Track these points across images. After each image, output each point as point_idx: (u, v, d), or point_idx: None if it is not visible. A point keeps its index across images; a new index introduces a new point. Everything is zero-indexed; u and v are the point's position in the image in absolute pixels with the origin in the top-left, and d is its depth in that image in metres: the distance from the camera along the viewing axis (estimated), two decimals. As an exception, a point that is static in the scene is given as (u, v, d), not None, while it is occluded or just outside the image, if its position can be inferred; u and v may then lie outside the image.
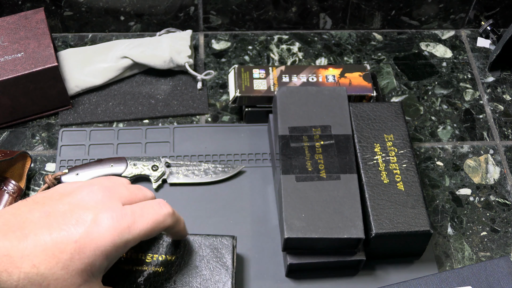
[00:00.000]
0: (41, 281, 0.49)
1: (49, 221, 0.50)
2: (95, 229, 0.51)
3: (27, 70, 0.76)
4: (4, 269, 0.48)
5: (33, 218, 0.51)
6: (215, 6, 0.90)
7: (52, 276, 0.49)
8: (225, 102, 0.85)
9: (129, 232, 0.52)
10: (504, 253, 0.74)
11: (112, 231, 0.51)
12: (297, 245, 0.66)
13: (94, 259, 0.51)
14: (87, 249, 0.50)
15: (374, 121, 0.73)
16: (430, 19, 0.95)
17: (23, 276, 0.48)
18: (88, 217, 0.51)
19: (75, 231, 0.50)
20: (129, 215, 0.53)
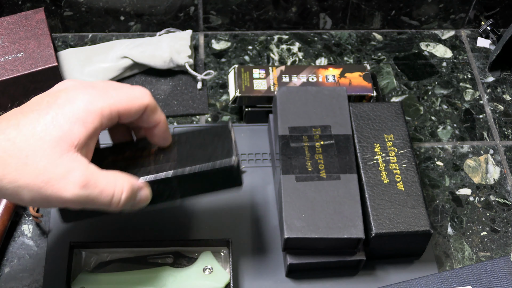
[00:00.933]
0: (19, 153, 0.49)
1: (22, 108, 0.52)
2: (68, 103, 0.51)
3: (27, 70, 0.76)
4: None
5: (16, 111, 0.52)
6: (215, 6, 0.90)
7: (29, 147, 0.49)
8: (225, 102, 0.85)
9: (103, 99, 0.52)
10: (504, 253, 0.74)
11: (84, 98, 0.52)
12: (297, 245, 0.66)
13: (70, 127, 0.50)
14: (60, 118, 0.50)
15: (374, 121, 0.73)
16: (430, 19, 0.95)
17: (1, 151, 0.49)
18: (64, 96, 0.52)
19: (48, 107, 0.51)
20: (101, 87, 0.53)
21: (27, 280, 0.68)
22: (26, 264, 0.69)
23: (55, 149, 0.50)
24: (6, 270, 0.69)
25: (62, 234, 0.71)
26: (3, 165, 0.49)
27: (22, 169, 0.49)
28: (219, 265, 0.65)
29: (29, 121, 0.50)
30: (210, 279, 0.64)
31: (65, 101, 0.52)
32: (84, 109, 0.51)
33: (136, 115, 0.55)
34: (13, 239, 0.71)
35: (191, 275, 0.64)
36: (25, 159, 0.49)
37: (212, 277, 0.64)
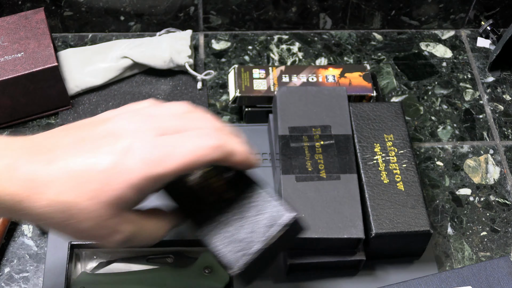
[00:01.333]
0: (65, 210, 0.45)
1: (80, 146, 0.46)
2: (124, 160, 0.46)
3: (27, 70, 0.76)
4: (28, 195, 0.44)
5: (64, 142, 0.47)
6: (215, 6, 0.90)
7: (77, 206, 0.45)
8: (225, 102, 0.85)
9: (161, 165, 0.46)
10: (504, 253, 0.74)
11: (142, 163, 0.46)
12: (297, 245, 0.66)
13: (123, 192, 0.46)
14: (114, 182, 0.45)
15: (374, 121, 0.73)
16: (430, 19, 0.95)
17: (46, 204, 0.44)
18: (119, 146, 0.46)
19: (103, 160, 0.45)
20: (162, 146, 0.47)
21: (27, 280, 0.68)
22: (26, 264, 0.70)
23: (104, 212, 0.46)
24: (6, 270, 0.69)
25: (62, 234, 0.71)
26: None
27: (63, 226, 0.46)
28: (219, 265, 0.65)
29: (83, 169, 0.45)
30: (210, 279, 0.64)
31: (122, 157, 0.46)
32: (141, 177, 0.46)
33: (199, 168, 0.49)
34: (13, 239, 0.71)
35: (191, 275, 0.64)
36: (69, 220, 0.45)
37: (212, 277, 0.64)
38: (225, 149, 0.49)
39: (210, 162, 0.48)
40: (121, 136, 0.47)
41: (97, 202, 0.45)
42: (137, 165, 0.46)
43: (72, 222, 0.45)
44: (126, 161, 0.46)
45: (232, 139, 0.50)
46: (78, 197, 0.45)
